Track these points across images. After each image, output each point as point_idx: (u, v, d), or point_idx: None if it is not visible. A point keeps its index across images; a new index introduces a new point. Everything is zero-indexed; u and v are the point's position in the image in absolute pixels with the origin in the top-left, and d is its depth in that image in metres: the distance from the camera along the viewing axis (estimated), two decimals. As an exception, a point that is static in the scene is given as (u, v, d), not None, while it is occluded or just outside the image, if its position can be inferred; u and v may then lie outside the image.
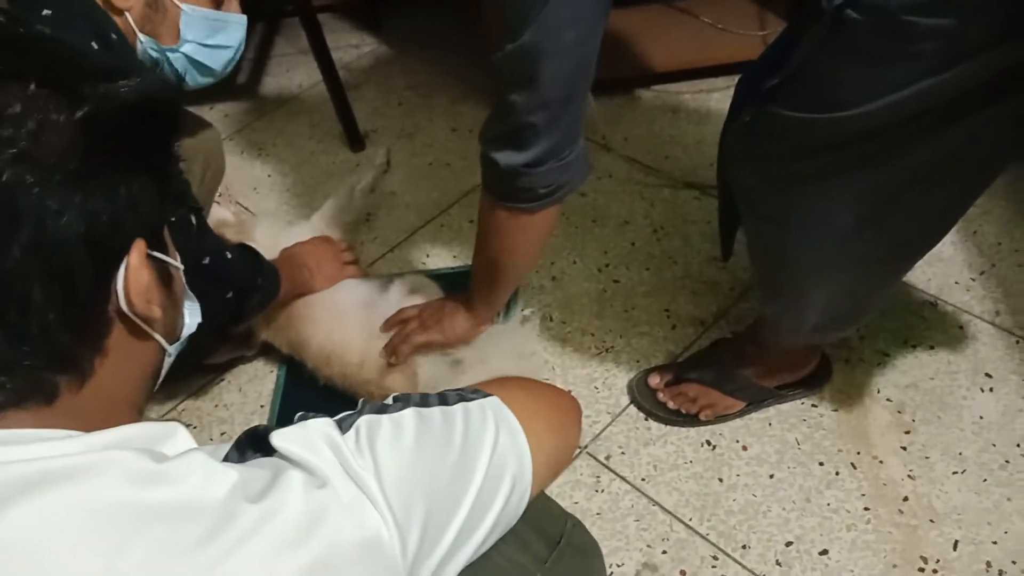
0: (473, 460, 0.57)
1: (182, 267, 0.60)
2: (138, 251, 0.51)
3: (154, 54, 1.05)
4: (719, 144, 1.02)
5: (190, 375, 1.48)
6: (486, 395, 0.63)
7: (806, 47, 0.80)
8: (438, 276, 1.52)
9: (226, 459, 0.52)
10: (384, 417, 0.55)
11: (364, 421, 0.54)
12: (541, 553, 0.68)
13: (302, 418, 0.53)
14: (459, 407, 0.60)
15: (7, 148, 0.44)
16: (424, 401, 0.59)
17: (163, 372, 0.60)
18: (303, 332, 1.39)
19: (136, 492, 0.43)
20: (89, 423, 0.47)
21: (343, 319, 1.39)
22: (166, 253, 0.56)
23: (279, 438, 0.51)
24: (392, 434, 0.54)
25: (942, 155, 0.83)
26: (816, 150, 0.86)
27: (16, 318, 0.45)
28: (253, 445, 0.53)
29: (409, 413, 0.57)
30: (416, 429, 0.55)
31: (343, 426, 0.53)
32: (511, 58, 0.87)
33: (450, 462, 0.56)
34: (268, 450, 0.51)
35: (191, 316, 0.62)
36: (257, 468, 0.49)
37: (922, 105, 0.77)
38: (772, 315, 1.20)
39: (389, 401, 0.59)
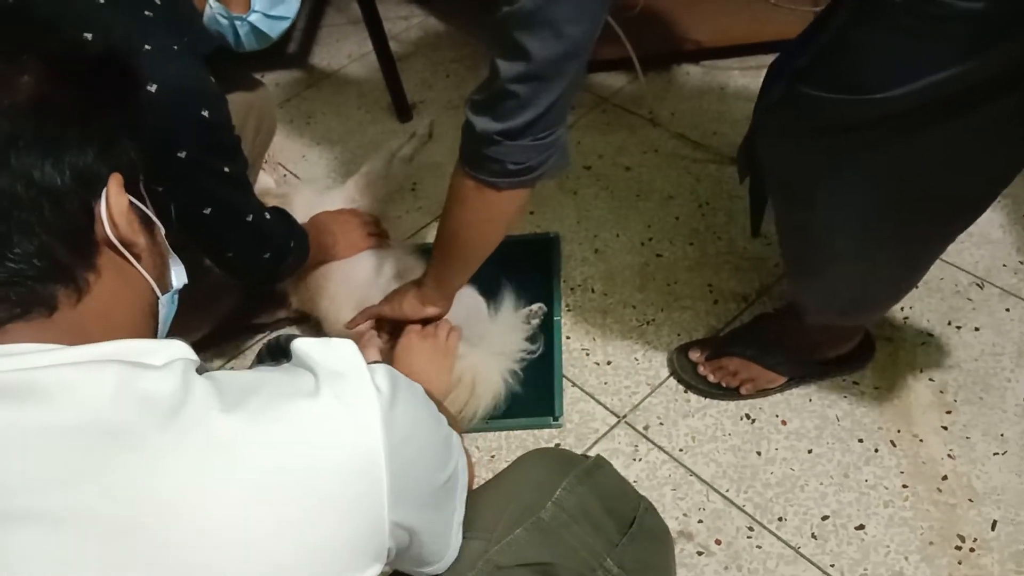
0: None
1: (163, 229, 0.65)
2: (116, 181, 0.56)
3: (222, 20, 1.12)
4: (751, 121, 1.02)
5: (238, 334, 1.51)
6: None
7: (838, 24, 0.80)
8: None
9: None
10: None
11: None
12: (613, 537, 0.70)
13: (325, 340, 0.59)
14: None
15: None
16: None
17: (162, 320, 0.64)
18: (321, 306, 1.44)
19: (110, 407, 0.47)
20: (88, 340, 0.52)
21: (353, 300, 1.41)
22: (144, 203, 0.62)
23: (301, 342, 0.57)
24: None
25: (965, 141, 0.83)
26: (842, 130, 0.86)
27: (15, 235, 0.51)
28: (272, 355, 0.59)
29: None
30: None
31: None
32: (504, 21, 0.86)
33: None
34: (287, 358, 0.58)
35: (177, 278, 0.67)
36: (267, 372, 0.55)
37: (947, 91, 0.77)
38: (798, 295, 1.20)
39: None
